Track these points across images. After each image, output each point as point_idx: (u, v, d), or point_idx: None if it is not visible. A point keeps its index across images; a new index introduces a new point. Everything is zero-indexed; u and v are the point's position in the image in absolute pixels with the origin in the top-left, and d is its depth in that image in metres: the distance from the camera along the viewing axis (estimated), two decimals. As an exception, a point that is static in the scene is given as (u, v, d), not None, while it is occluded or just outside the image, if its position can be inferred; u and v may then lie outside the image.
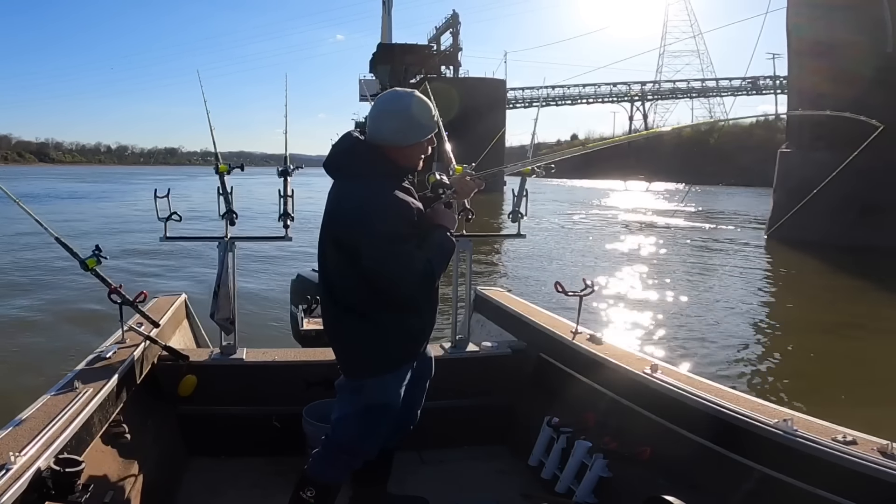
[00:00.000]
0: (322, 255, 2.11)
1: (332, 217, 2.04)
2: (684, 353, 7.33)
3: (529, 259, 14.88)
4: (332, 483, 2.20)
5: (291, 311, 4.61)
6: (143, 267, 12.20)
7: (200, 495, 2.72)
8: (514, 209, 3.11)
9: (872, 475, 1.70)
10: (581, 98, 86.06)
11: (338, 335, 2.17)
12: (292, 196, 3.02)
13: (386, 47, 59.46)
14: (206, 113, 3.17)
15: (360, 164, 2.03)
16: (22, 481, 1.65)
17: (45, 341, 7.36)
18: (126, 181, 42.98)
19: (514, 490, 2.80)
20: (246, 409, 2.98)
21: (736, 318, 9.44)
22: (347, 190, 2.03)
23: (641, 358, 2.73)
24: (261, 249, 11.77)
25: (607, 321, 8.70)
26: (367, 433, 2.17)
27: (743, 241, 19.85)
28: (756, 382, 6.54)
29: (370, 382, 2.12)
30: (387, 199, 1.97)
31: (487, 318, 3.86)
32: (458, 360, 3.18)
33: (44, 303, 9.26)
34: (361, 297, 2.04)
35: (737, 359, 7.33)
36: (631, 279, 12.23)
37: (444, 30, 60.65)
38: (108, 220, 22.90)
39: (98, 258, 2.52)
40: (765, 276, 13.88)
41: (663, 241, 19.15)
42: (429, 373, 2.44)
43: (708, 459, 2.19)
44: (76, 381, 2.29)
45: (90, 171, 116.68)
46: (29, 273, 11.71)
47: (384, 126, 2.05)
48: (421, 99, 2.09)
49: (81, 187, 46.48)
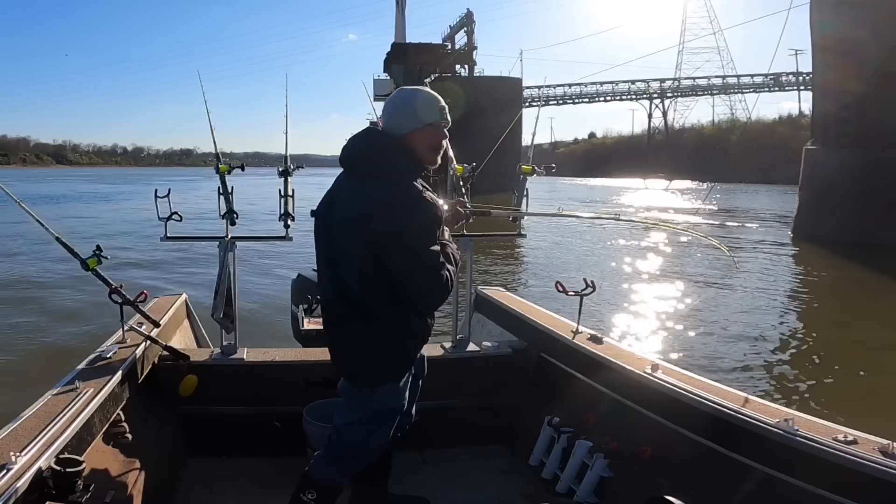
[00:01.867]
0: (334, 255, 2.04)
1: (367, 217, 1.91)
2: (712, 355, 7.26)
3: (546, 259, 14.89)
4: (333, 486, 2.18)
5: (292, 310, 4.58)
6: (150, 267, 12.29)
7: (201, 495, 2.72)
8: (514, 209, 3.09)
9: (873, 475, 1.69)
10: (598, 96, 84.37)
11: (346, 340, 2.10)
12: (292, 196, 3.03)
13: (400, 47, 59.25)
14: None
15: (385, 158, 1.98)
16: (23, 481, 1.65)
17: (45, 341, 7.37)
18: (144, 181, 43.37)
19: (515, 490, 2.79)
20: (246, 408, 2.98)
21: (762, 316, 9.33)
22: (379, 187, 1.94)
23: (642, 357, 2.72)
24: (261, 249, 11.81)
25: (631, 322, 8.64)
26: (374, 438, 2.16)
27: (768, 239, 19.60)
28: (786, 386, 6.46)
29: (381, 389, 2.08)
30: (424, 197, 1.93)
31: (488, 317, 3.86)
32: (458, 360, 3.17)
33: (44, 303, 9.28)
34: (374, 296, 1.99)
35: (765, 361, 7.22)
36: (654, 278, 12.20)
37: (459, 28, 60.43)
38: (126, 222, 23.12)
39: (99, 258, 2.53)
40: (792, 275, 13.66)
41: (685, 240, 18.93)
42: (423, 371, 2.43)
43: (709, 459, 2.18)
44: (77, 381, 2.30)
45: (108, 172, 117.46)
46: (30, 273, 11.77)
47: (391, 112, 2.05)
48: (428, 91, 2.09)
49: (101, 188, 46.74)
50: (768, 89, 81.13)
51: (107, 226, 21.54)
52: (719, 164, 54.36)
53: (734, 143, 67.20)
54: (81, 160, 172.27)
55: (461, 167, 2.95)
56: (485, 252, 13.68)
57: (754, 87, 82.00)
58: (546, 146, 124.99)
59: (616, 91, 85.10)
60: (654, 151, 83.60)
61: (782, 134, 65.24)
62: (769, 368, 7.03)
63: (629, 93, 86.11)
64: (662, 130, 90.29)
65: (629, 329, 8.35)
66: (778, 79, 78.16)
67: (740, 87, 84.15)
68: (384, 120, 2.06)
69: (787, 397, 6.06)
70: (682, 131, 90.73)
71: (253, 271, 11.13)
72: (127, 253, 14.06)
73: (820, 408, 5.63)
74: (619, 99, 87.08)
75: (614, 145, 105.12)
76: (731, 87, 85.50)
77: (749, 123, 70.43)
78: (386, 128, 2.06)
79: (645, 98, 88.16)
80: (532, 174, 3.07)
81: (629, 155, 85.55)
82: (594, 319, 8.52)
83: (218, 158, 2.96)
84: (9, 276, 11.52)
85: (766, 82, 79.48)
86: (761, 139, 68.03)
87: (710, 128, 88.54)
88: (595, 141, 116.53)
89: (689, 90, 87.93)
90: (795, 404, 5.79)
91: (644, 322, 8.75)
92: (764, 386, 6.41)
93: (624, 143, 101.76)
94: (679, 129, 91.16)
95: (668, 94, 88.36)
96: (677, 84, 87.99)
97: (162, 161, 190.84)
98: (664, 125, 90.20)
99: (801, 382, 6.60)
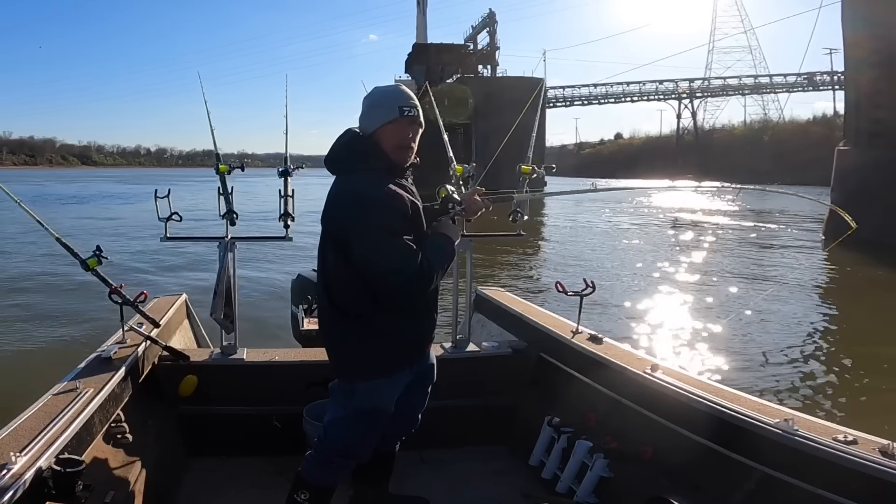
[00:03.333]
0: (321, 254, 2.10)
1: (326, 211, 2.02)
2: (740, 356, 7.19)
3: (567, 260, 14.81)
4: (325, 485, 2.18)
5: (292, 310, 4.60)
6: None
7: (201, 495, 2.72)
8: (513, 209, 3.08)
9: (873, 475, 1.69)
10: (625, 96, 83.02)
11: (330, 336, 2.15)
12: (292, 196, 3.04)
13: (421, 47, 59.25)
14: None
15: (356, 157, 2.03)
16: (23, 481, 1.66)
17: (45, 341, 7.37)
18: (167, 182, 44.49)
19: (515, 490, 2.79)
20: (246, 408, 2.98)
21: (784, 314, 9.26)
22: (341, 184, 2.03)
23: (642, 358, 2.72)
24: (261, 249, 11.79)
25: (660, 323, 8.60)
26: (358, 437, 2.16)
27: (798, 240, 19.36)
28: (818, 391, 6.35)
29: (361, 386, 2.09)
30: (378, 191, 1.94)
31: (488, 318, 3.86)
32: (458, 360, 3.17)
33: (44, 303, 9.30)
34: (355, 296, 2.01)
35: (795, 368, 7.09)
36: (682, 277, 12.17)
37: (481, 29, 60.21)
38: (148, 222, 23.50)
39: (99, 258, 2.54)
40: (819, 276, 13.42)
41: (712, 240, 18.68)
42: (431, 378, 2.42)
43: (709, 459, 2.18)
44: (77, 381, 2.31)
45: (131, 173, 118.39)
46: (30, 273, 11.81)
47: (362, 111, 2.10)
48: (392, 87, 2.12)
49: (129, 189, 47.77)
50: (802, 89, 79.42)
51: (127, 225, 21.82)
52: (751, 166, 53.39)
53: (766, 143, 65.91)
54: (106, 161, 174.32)
55: (461, 167, 2.93)
56: (485, 252, 13.55)
57: (787, 86, 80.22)
58: (571, 147, 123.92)
59: (643, 91, 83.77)
60: (682, 152, 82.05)
61: (817, 134, 63.55)
62: (783, 368, 6.98)
63: (657, 93, 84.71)
64: (691, 131, 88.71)
65: (678, 329, 8.30)
66: (812, 78, 76.50)
67: (773, 86, 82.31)
68: (359, 119, 2.12)
69: (809, 397, 6.01)
70: (712, 132, 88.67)
71: (253, 271, 11.11)
72: (134, 253, 14.22)
73: (841, 411, 5.61)
74: (647, 99, 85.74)
75: (642, 146, 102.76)
76: (763, 86, 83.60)
77: (782, 124, 69.01)
78: (360, 127, 2.10)
79: (673, 98, 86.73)
80: (532, 175, 3.04)
81: (657, 156, 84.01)
82: (623, 320, 8.51)
83: (217, 158, 2.96)
84: (9, 277, 11.57)
85: (800, 82, 77.81)
86: (795, 140, 66.68)
87: (741, 128, 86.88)
88: (622, 141, 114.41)
89: (720, 90, 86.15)
90: (820, 407, 5.75)
91: (694, 323, 8.65)
92: (773, 382, 6.37)
93: (651, 144, 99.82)
94: (709, 129, 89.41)
95: (698, 94, 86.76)
96: (707, 84, 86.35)
97: (184, 162, 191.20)
98: (693, 125, 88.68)
99: (814, 381, 6.56)
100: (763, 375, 6.68)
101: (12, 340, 7.35)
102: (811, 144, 59.54)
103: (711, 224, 24.41)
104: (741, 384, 5.95)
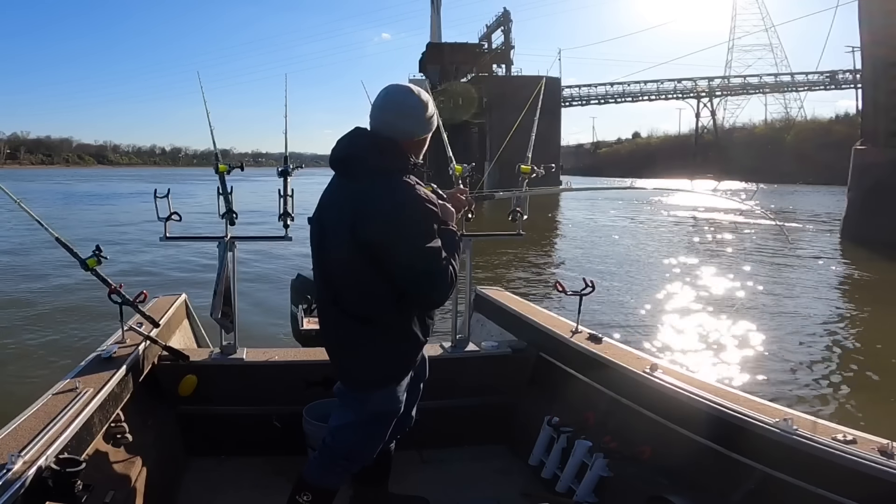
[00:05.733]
0: (327, 258, 2.01)
1: (361, 219, 1.87)
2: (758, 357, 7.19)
3: (596, 260, 14.81)
4: (328, 488, 2.18)
5: (291, 310, 4.61)
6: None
7: (200, 495, 2.73)
8: (513, 209, 3.08)
9: (873, 474, 1.70)
10: (642, 95, 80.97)
11: (343, 345, 2.07)
12: (292, 196, 3.04)
13: (435, 46, 59.27)
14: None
15: (385, 161, 1.92)
16: (22, 481, 1.66)
17: (45, 341, 7.38)
18: (181, 181, 44.72)
19: (515, 489, 2.80)
20: (246, 408, 2.99)
21: (802, 320, 9.17)
22: (373, 189, 1.89)
23: (641, 357, 2.72)
24: (261, 249, 11.75)
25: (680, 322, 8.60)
26: (370, 441, 2.16)
27: (815, 240, 19.25)
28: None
29: (377, 392, 2.07)
30: (421, 197, 1.89)
31: (487, 317, 3.85)
32: (458, 359, 3.17)
33: (44, 303, 9.31)
34: (378, 303, 1.95)
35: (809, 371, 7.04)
36: (698, 275, 12.22)
37: (495, 28, 60.14)
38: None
39: (98, 258, 2.53)
40: (833, 276, 13.36)
41: (728, 239, 18.47)
42: (424, 373, 2.42)
43: (708, 459, 2.18)
44: (76, 381, 2.31)
45: (146, 172, 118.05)
46: (30, 272, 11.83)
47: (403, 119, 1.97)
48: (431, 99, 2.06)
49: (147, 187, 48.17)
50: (824, 87, 77.51)
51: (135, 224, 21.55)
52: (772, 165, 52.60)
53: (788, 142, 64.90)
54: (121, 160, 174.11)
55: (460, 167, 2.93)
56: (485, 251, 13.52)
57: (809, 84, 78.67)
58: (588, 146, 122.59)
59: (661, 90, 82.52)
60: (701, 152, 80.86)
61: (839, 133, 62.07)
62: (790, 367, 6.97)
63: (675, 91, 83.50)
64: (711, 130, 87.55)
65: (698, 329, 8.31)
66: (834, 76, 74.78)
67: (794, 85, 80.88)
68: (379, 118, 1.98)
69: (817, 398, 5.99)
70: (731, 131, 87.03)
71: (253, 271, 11.04)
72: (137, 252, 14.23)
73: (853, 412, 5.60)
74: (665, 98, 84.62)
75: (660, 145, 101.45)
76: (784, 85, 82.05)
77: (804, 123, 67.94)
78: (379, 128, 1.98)
79: (692, 97, 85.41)
80: (532, 175, 3.02)
81: (675, 155, 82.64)
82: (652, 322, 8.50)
83: (217, 158, 2.96)
84: (9, 276, 11.59)
85: (822, 80, 75.91)
86: (817, 139, 65.59)
87: (761, 127, 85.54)
88: (640, 141, 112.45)
89: (740, 88, 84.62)
90: (828, 408, 5.73)
91: (713, 323, 8.64)
92: (779, 383, 6.35)
93: (670, 143, 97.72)
94: (729, 128, 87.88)
95: (717, 92, 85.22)
96: (727, 82, 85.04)
97: (199, 161, 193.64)
98: (713, 124, 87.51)
99: (820, 382, 6.53)
100: (768, 375, 6.65)
101: (12, 340, 7.36)
102: (833, 144, 58.47)
103: (728, 224, 24.19)
104: (744, 384, 6.02)
